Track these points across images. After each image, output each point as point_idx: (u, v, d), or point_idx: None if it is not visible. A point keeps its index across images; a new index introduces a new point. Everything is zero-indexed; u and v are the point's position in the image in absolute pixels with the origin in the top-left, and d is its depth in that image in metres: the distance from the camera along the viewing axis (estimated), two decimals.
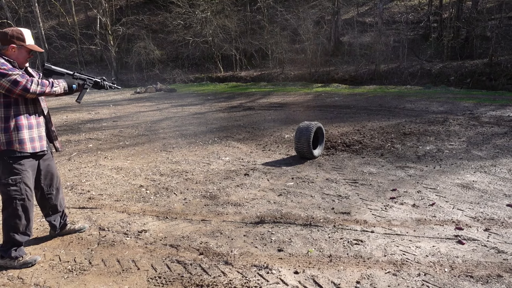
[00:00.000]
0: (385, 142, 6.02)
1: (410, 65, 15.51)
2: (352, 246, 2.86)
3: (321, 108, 10.03)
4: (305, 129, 5.09)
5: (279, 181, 4.43)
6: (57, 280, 2.54)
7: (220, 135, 7.20)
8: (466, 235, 2.96)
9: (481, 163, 4.81)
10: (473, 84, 13.20)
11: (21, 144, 2.60)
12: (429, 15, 17.90)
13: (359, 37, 18.24)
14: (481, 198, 3.71)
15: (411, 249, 2.78)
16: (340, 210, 3.55)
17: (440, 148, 5.59)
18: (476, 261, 2.59)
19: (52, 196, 2.96)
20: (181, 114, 10.01)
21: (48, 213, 3.03)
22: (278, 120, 8.47)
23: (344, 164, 5.02)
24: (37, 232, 3.32)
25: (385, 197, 3.82)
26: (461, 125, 7.02)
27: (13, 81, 2.49)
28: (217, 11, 21.03)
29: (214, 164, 5.24)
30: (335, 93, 13.27)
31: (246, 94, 14.30)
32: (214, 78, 19.68)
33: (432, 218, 3.30)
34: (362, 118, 8.18)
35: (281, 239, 3.01)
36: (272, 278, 2.48)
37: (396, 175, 4.49)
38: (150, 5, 26.07)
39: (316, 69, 17.25)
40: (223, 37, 19.98)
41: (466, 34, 15.67)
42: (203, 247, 2.93)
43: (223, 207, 3.72)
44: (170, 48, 22.67)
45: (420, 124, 7.32)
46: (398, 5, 20.80)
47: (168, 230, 3.25)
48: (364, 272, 2.50)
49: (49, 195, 2.95)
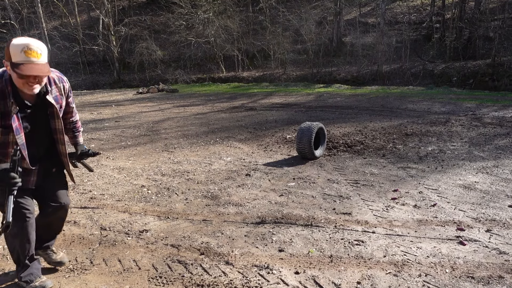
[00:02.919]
0: (387, 143, 6.01)
1: (413, 65, 15.48)
2: (353, 246, 2.86)
3: (323, 108, 10.02)
4: (307, 130, 5.09)
5: (281, 182, 4.43)
6: (58, 280, 2.55)
7: (221, 135, 7.21)
8: (468, 236, 2.96)
9: (483, 164, 4.79)
10: (475, 84, 13.16)
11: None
12: (432, 15, 17.86)
13: (361, 37, 18.21)
14: (483, 199, 3.70)
15: (412, 249, 2.78)
16: (341, 210, 3.54)
17: (442, 148, 5.58)
18: (478, 262, 2.59)
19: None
20: (183, 115, 10.02)
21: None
22: (279, 121, 8.48)
23: (345, 164, 5.02)
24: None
25: (387, 198, 3.81)
26: (463, 126, 7.00)
27: None
28: (219, 11, 21.05)
29: (215, 165, 5.25)
30: (337, 93, 13.26)
31: (248, 94, 14.31)
32: (216, 78, 19.69)
33: (433, 218, 3.29)
34: (364, 119, 8.17)
35: (282, 239, 3.01)
36: (273, 278, 2.48)
37: (398, 175, 4.48)
38: (153, 5, 26.12)
39: (318, 69, 17.23)
40: (225, 38, 19.99)
41: (468, 35, 15.63)
42: (204, 247, 2.93)
43: (224, 207, 3.72)
44: (172, 48, 22.70)
45: (422, 124, 7.31)
46: (401, 5, 20.76)
47: (169, 230, 3.26)
48: (365, 273, 2.50)
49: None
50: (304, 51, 18.45)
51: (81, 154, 2.60)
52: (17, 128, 2.03)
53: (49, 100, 2.12)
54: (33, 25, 23.84)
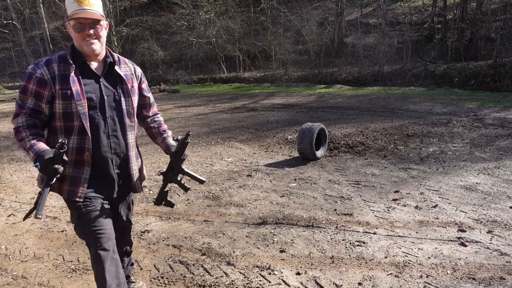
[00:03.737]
0: (388, 144, 6.01)
1: (414, 66, 15.47)
2: (354, 247, 2.86)
3: (324, 109, 10.02)
4: (308, 130, 5.10)
5: (282, 182, 4.44)
6: (60, 280, 2.56)
7: (223, 136, 7.22)
8: (469, 237, 2.96)
9: (484, 165, 4.79)
10: (477, 85, 13.13)
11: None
12: (433, 16, 17.84)
13: (362, 38, 18.21)
14: (484, 200, 3.69)
15: (414, 250, 2.78)
16: (343, 211, 3.55)
17: (444, 149, 5.58)
18: (479, 263, 2.59)
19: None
20: (184, 115, 10.03)
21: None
22: (281, 121, 8.48)
23: (346, 165, 5.02)
24: (41, 231, 3.34)
25: (388, 199, 3.81)
26: (464, 127, 6.99)
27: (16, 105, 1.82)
28: (220, 12, 21.09)
29: (217, 165, 5.25)
30: (338, 94, 13.26)
31: (249, 95, 14.32)
32: (218, 79, 19.71)
33: (434, 220, 3.29)
34: (365, 120, 8.17)
35: (283, 240, 3.01)
36: (274, 279, 2.49)
37: (399, 176, 4.48)
38: (154, 6, 26.16)
39: (319, 70, 17.24)
40: (227, 38, 20.02)
41: (470, 36, 15.60)
42: (206, 247, 2.94)
43: (225, 208, 3.73)
44: (174, 49, 22.73)
45: (423, 125, 7.30)
46: (402, 6, 20.74)
47: (171, 230, 3.27)
48: (366, 274, 2.51)
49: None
50: (305, 52, 18.45)
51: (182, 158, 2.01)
52: (78, 93, 1.76)
53: (117, 71, 1.90)
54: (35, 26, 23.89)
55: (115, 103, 1.88)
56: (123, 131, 1.92)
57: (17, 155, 6.34)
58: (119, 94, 1.89)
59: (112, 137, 1.88)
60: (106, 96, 1.85)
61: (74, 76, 1.78)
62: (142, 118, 2.13)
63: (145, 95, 2.09)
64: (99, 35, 1.81)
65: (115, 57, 1.92)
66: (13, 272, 2.68)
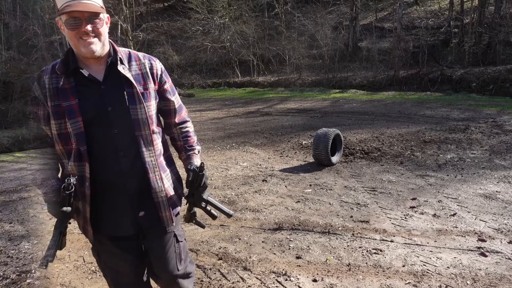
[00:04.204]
0: (405, 150, 5.95)
1: (430, 71, 15.25)
2: (371, 255, 2.85)
3: (339, 114, 9.98)
4: (323, 136, 5.09)
5: (297, 188, 4.44)
6: (81, 281, 2.62)
7: (237, 140, 7.26)
8: (489, 247, 2.90)
9: (504, 173, 4.69)
10: (496, 91, 12.86)
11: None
12: (450, 20, 17.59)
13: (377, 42, 18.08)
14: (505, 209, 3.62)
15: (432, 260, 2.75)
16: (359, 218, 3.53)
17: (462, 156, 5.48)
18: (500, 274, 2.54)
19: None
20: (199, 119, 10.13)
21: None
22: (295, 126, 8.48)
23: (362, 171, 4.99)
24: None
25: (405, 206, 3.77)
26: (483, 133, 6.86)
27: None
28: (235, 17, 21.24)
29: (232, 170, 5.29)
30: (353, 99, 13.17)
31: (263, 99, 14.35)
32: (232, 83, 19.83)
33: (453, 228, 3.25)
34: (381, 125, 8.10)
35: (299, 246, 3.02)
36: (291, 285, 2.49)
37: (416, 183, 4.43)
38: (170, 11, 26.57)
39: (333, 74, 17.16)
40: (241, 43, 20.15)
41: (488, 40, 15.31)
42: (222, 252, 2.96)
43: (241, 213, 3.75)
44: (189, 53, 22.99)
45: (440, 131, 7.19)
46: (418, 10, 20.52)
47: (188, 234, 3.31)
48: (383, 282, 2.49)
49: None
50: (319, 56, 18.41)
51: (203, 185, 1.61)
52: (70, 109, 1.41)
53: (122, 72, 1.48)
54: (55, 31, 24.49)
55: (122, 113, 1.48)
56: (138, 147, 1.51)
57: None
58: (127, 101, 1.48)
59: (123, 158, 1.49)
60: (110, 107, 1.47)
61: (66, 87, 1.43)
62: (166, 126, 1.76)
63: (168, 98, 1.67)
64: (99, 32, 1.43)
65: (118, 54, 1.52)
66: (35, 274, 2.76)
